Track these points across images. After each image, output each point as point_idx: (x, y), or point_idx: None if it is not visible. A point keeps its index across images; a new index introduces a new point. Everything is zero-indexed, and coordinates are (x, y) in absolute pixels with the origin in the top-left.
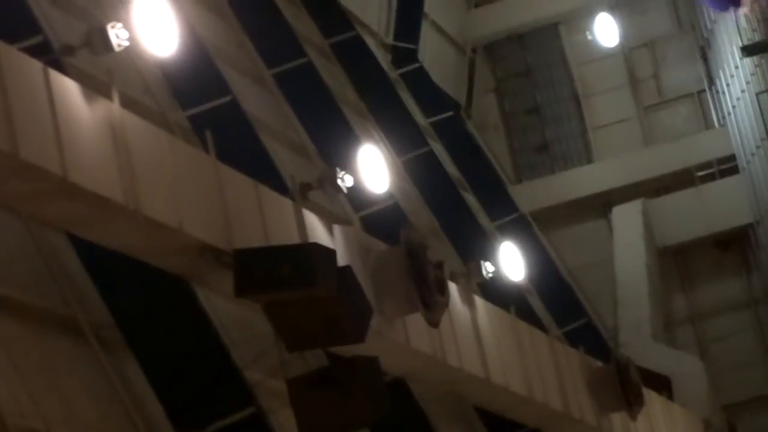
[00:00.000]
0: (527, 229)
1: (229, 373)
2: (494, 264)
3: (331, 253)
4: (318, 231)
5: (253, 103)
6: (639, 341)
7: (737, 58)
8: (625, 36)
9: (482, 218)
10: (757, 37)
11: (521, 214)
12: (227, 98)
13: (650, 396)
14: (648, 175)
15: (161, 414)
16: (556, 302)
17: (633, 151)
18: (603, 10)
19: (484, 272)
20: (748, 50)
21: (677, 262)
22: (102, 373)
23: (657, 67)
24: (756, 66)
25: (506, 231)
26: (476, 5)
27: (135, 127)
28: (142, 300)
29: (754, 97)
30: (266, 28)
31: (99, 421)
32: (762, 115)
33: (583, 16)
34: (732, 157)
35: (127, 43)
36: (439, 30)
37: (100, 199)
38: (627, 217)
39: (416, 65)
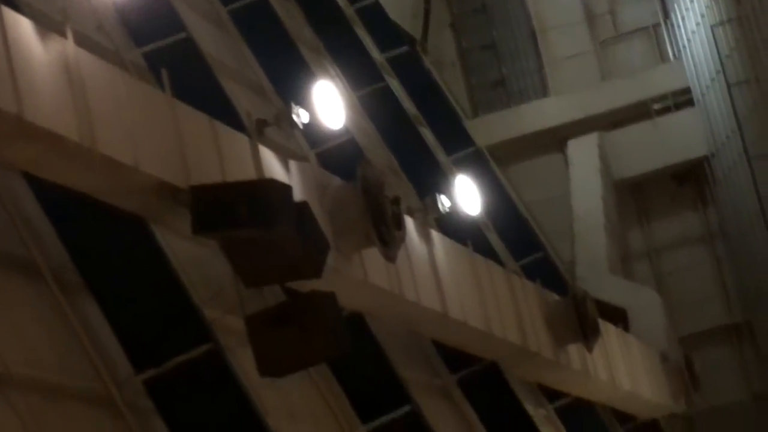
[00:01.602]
0: (483, 163)
1: (187, 310)
2: (451, 199)
3: (287, 190)
4: (274, 167)
5: (208, 41)
6: (596, 275)
7: None
8: None
9: (439, 153)
10: None
11: (477, 148)
12: (182, 36)
13: (607, 328)
14: (604, 108)
15: (120, 352)
16: (513, 236)
17: (589, 85)
18: None
19: (440, 207)
20: None
21: (634, 197)
22: (61, 313)
23: (613, 2)
24: (712, 1)
25: (463, 166)
26: None
27: (90, 66)
28: (100, 240)
29: (709, 30)
30: None
31: (58, 361)
32: (717, 47)
33: None
34: (687, 90)
35: None
36: None
37: (56, 139)
38: (583, 151)
39: (372, 1)
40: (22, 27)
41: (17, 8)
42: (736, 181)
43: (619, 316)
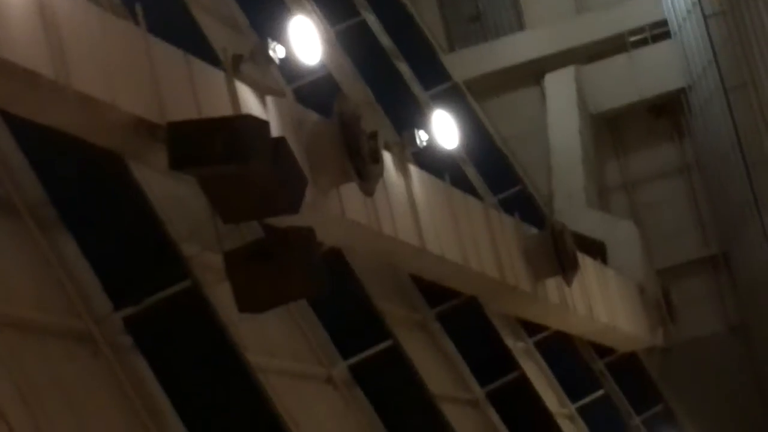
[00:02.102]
0: (460, 97)
1: (165, 247)
2: (428, 133)
3: (264, 125)
4: (250, 103)
5: None
6: (573, 208)
7: None
8: None
9: (415, 88)
10: None
11: (454, 82)
12: None
13: (585, 261)
14: (580, 41)
15: (98, 289)
16: (490, 170)
17: (564, 19)
18: None
19: (418, 141)
20: None
21: (611, 129)
22: (38, 250)
23: None
24: None
25: (439, 100)
26: None
27: (64, 2)
28: (77, 177)
29: None
30: None
31: (36, 298)
32: None
33: None
34: (664, 22)
35: None
36: None
37: (30, 75)
38: (559, 85)
39: None
40: None
41: None
42: (713, 112)
43: (596, 249)
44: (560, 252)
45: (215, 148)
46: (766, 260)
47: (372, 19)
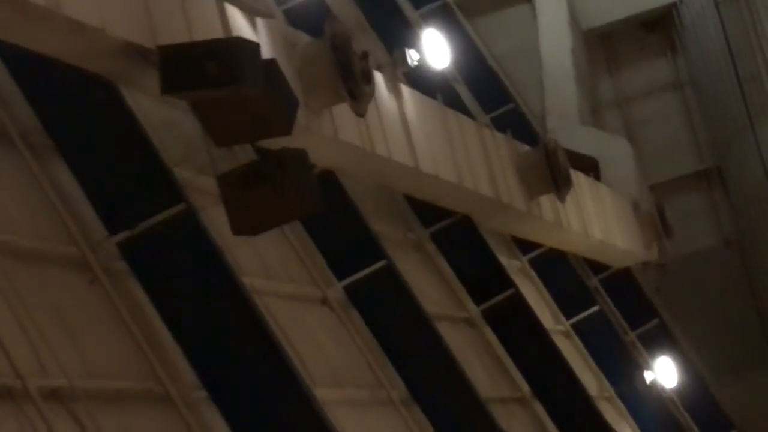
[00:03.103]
0: (451, 16)
1: (159, 172)
2: (419, 52)
3: (255, 47)
4: (241, 26)
5: None
6: (566, 125)
7: None
8: None
9: (406, 7)
10: None
11: (445, 1)
12: None
13: (578, 178)
14: None
15: (92, 215)
16: (483, 89)
17: None
18: None
19: (409, 61)
20: None
21: (603, 46)
22: (31, 178)
23: None
24: None
25: (430, 19)
26: None
27: None
28: (70, 103)
29: None
30: None
31: (30, 225)
32: None
33: None
34: None
35: None
36: None
37: (20, 2)
38: (550, 1)
39: None
40: None
41: None
42: (705, 27)
43: (590, 166)
44: (554, 169)
45: (207, 71)
46: (760, 174)
47: None
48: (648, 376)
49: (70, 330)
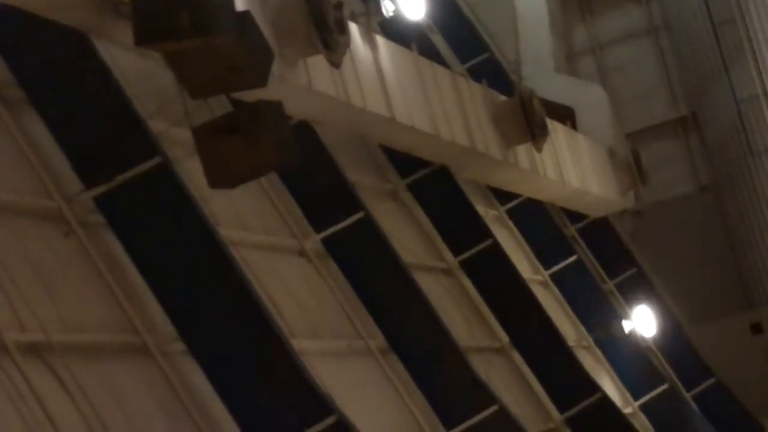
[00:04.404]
0: None
1: (134, 124)
2: (394, 2)
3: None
4: None
5: None
6: (541, 73)
7: None
8: None
9: None
10: None
11: None
12: None
13: (554, 127)
14: None
15: (67, 168)
16: (457, 38)
17: None
18: None
19: (384, 11)
20: None
21: None
22: (5, 131)
23: None
24: None
25: None
26: None
27: None
28: (43, 56)
29: None
30: None
31: (5, 178)
32: None
33: None
34: None
35: None
36: None
37: None
38: None
39: None
40: None
41: None
42: None
43: (566, 114)
44: (529, 118)
45: (180, 22)
46: (735, 120)
47: None
48: (626, 324)
49: (46, 284)
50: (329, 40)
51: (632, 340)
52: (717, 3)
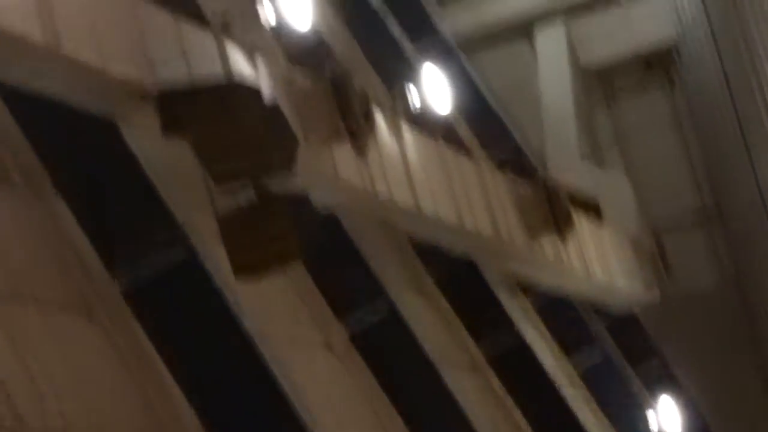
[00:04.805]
0: (451, 53)
1: (159, 212)
2: (420, 90)
3: (255, 89)
4: (241, 63)
5: None
6: (566, 163)
7: None
8: None
9: (406, 43)
10: None
11: (444, 38)
12: None
13: (579, 217)
14: None
15: (93, 256)
16: (482, 127)
17: None
18: None
19: (409, 99)
20: None
21: (602, 82)
22: (30, 215)
23: None
24: None
25: (430, 56)
26: None
27: None
28: (70, 143)
29: None
30: None
31: (31, 264)
32: None
33: None
34: None
35: None
36: None
37: (19, 39)
38: (550, 37)
39: None
40: None
41: None
42: (704, 64)
43: (590, 204)
44: (554, 208)
45: (206, 113)
46: (759, 212)
47: None
48: (652, 418)
49: (71, 371)
50: (355, 128)
51: None
52: (742, 96)
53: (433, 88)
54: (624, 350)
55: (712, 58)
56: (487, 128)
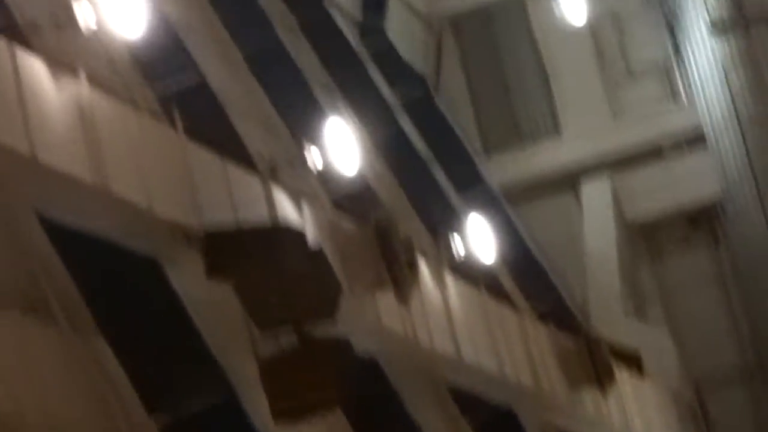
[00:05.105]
0: (496, 204)
1: (202, 354)
2: (464, 240)
3: (300, 235)
4: (287, 208)
5: (221, 81)
6: (609, 316)
7: (704, 33)
8: (591, 10)
9: (452, 194)
10: (724, 12)
11: (490, 188)
12: (195, 76)
13: (620, 371)
14: (616, 149)
15: (134, 396)
16: (526, 278)
17: (600, 125)
18: None
19: (453, 249)
20: (717, 26)
21: (646, 237)
22: (70, 351)
23: (623, 40)
24: (723, 40)
25: (476, 206)
26: None
27: (102, 106)
28: (113, 280)
29: (722, 72)
30: (235, 5)
31: (69, 400)
32: (729, 89)
33: None
34: (699, 129)
35: (95, 28)
36: (406, 3)
37: (69, 179)
38: (595, 192)
39: (384, 41)
40: (35, 67)
41: (30, 48)
42: (749, 220)
43: (632, 358)
44: (596, 362)
45: (251, 256)
46: None
47: (408, 125)
48: None
49: None
50: (399, 276)
51: None
52: None
53: (478, 238)
54: None
55: (757, 214)
56: (530, 279)
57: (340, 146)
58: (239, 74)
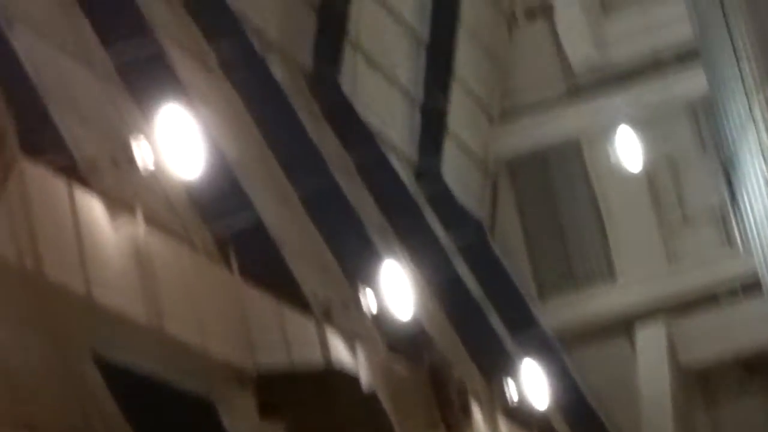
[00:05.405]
0: (550, 348)
1: None
2: (518, 384)
3: (355, 379)
4: (340, 349)
5: (277, 222)
6: None
7: (761, 180)
8: (647, 154)
9: (506, 338)
10: None
11: (544, 333)
12: (251, 216)
13: None
14: (671, 294)
15: None
16: (580, 424)
17: (656, 270)
18: (625, 125)
19: (507, 395)
20: None
21: (701, 383)
22: None
23: (679, 186)
24: None
25: (530, 350)
26: (499, 121)
27: (159, 246)
28: (167, 422)
29: None
30: (291, 146)
31: None
32: None
33: (605, 132)
34: (755, 275)
35: (152, 168)
36: (463, 147)
37: (124, 319)
38: (650, 337)
39: (440, 184)
40: (93, 206)
41: (88, 186)
42: None
43: None
44: None
45: (304, 398)
46: None
47: (463, 269)
48: None
49: None
50: (452, 420)
51: None
52: None
53: (532, 383)
54: None
55: None
56: (584, 425)
57: (395, 289)
58: (295, 215)
